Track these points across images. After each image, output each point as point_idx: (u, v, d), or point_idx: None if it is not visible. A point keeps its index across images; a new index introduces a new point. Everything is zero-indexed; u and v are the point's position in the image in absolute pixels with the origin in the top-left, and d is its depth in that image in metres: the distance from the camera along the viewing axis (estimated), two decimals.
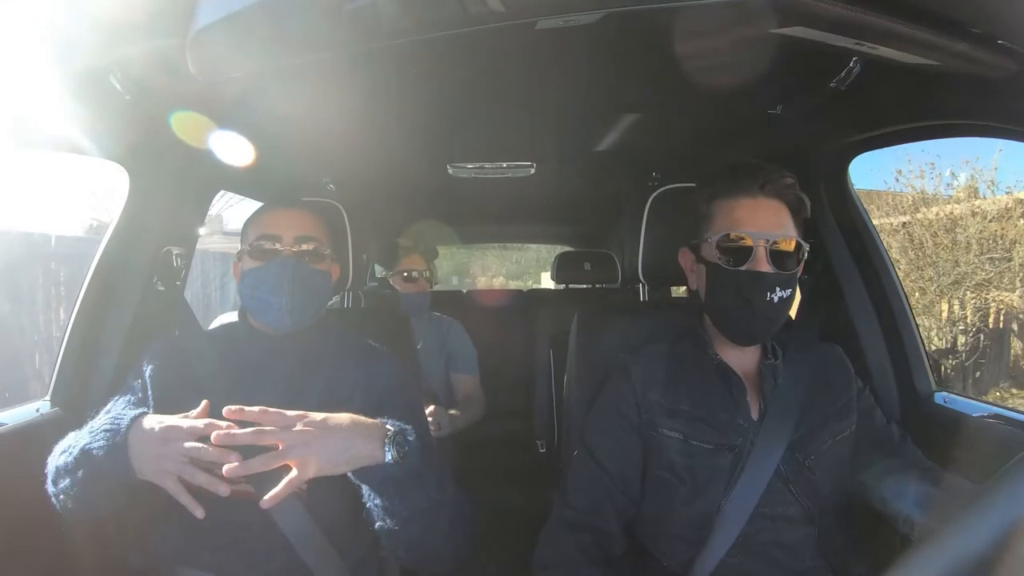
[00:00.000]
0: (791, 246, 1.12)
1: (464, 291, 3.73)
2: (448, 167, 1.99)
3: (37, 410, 1.33)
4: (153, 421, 1.00)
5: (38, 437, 1.21)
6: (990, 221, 7.32)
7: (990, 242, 7.29)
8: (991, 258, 7.28)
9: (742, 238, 1.11)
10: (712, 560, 1.07)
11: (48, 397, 1.38)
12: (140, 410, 1.04)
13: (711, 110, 1.47)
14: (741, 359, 1.18)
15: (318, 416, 0.97)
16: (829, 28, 0.82)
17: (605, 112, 1.56)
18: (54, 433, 1.18)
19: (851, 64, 1.06)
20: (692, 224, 1.21)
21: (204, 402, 1.04)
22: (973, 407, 1.29)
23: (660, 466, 1.14)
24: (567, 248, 3.76)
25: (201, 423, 0.98)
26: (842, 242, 1.52)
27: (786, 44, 0.89)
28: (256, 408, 0.94)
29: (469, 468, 1.90)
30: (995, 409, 1.23)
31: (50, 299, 5.69)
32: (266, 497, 0.93)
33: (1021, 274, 7.29)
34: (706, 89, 1.19)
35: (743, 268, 1.10)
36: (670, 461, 1.13)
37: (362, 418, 1.00)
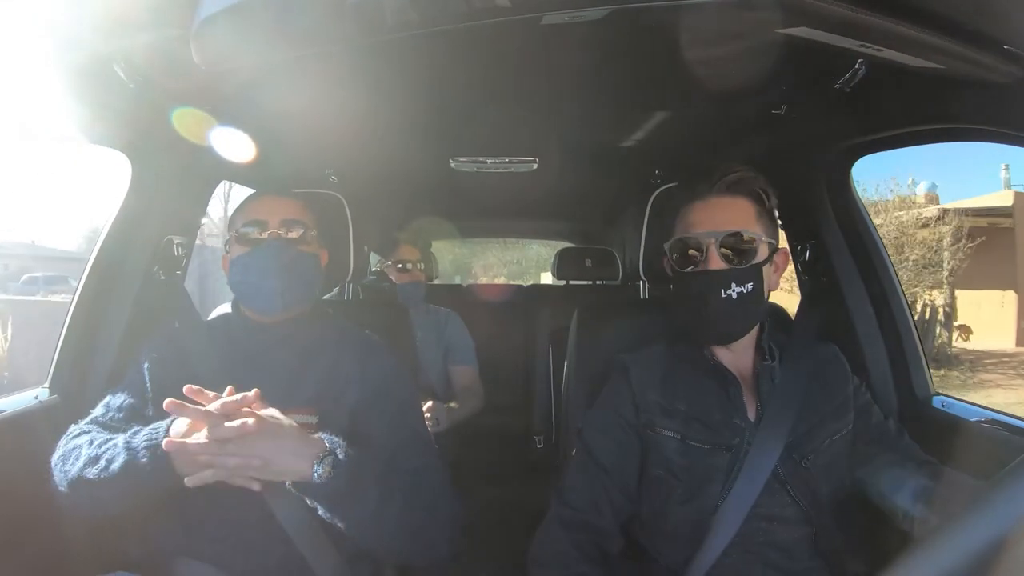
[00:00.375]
0: (747, 240, 1.12)
1: (464, 285, 3.73)
2: (451, 161, 1.98)
3: (36, 397, 1.33)
4: (180, 425, 1.01)
5: (37, 424, 1.22)
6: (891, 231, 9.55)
7: (891, 248, 9.31)
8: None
9: (690, 239, 1.13)
10: (709, 559, 1.07)
11: (47, 384, 1.38)
12: (171, 419, 1.03)
13: (715, 109, 1.46)
14: (735, 359, 1.18)
15: (263, 421, 0.98)
16: (834, 29, 0.82)
17: (609, 109, 1.55)
18: (52, 421, 1.18)
19: (856, 66, 1.06)
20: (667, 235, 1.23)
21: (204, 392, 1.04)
22: (971, 411, 1.29)
23: (657, 466, 1.14)
24: (568, 244, 3.76)
25: (214, 406, 0.99)
26: (843, 243, 1.52)
27: (791, 44, 0.89)
28: (211, 394, 1.00)
29: (467, 463, 1.90)
30: (993, 414, 1.23)
31: None
32: (188, 481, 0.96)
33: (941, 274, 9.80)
34: (710, 88, 1.19)
35: (697, 269, 1.12)
36: (667, 461, 1.13)
37: (302, 434, 1.01)
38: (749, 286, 1.11)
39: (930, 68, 0.88)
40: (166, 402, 0.95)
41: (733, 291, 1.10)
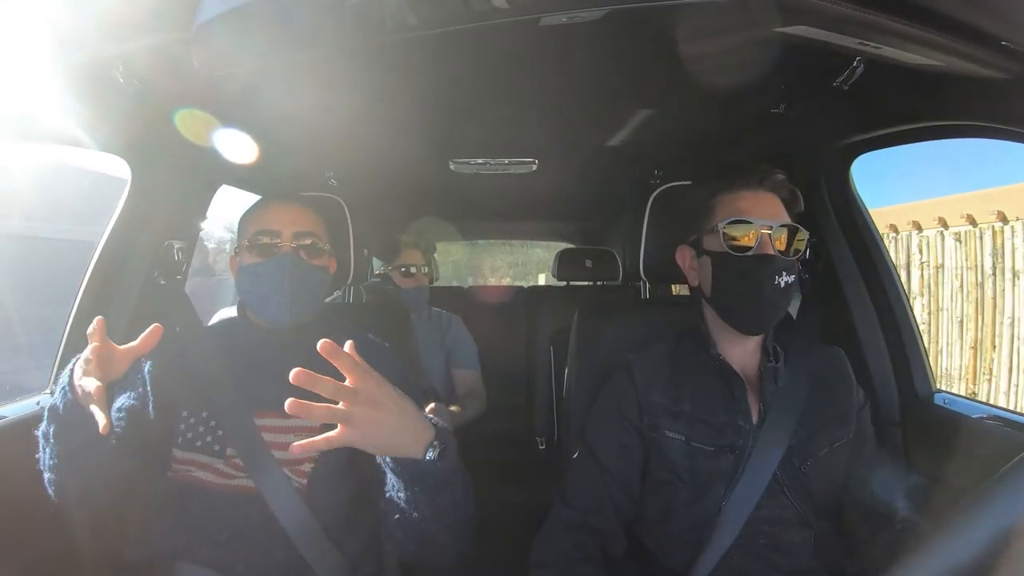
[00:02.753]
0: (790, 236, 1.14)
1: (465, 286, 3.73)
2: (450, 163, 1.99)
3: (38, 403, 1.33)
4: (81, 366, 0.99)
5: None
6: None
7: None
8: None
9: (749, 223, 1.13)
10: (711, 561, 1.07)
11: (49, 390, 1.38)
12: (73, 361, 1.03)
13: (714, 108, 1.46)
14: (743, 359, 1.18)
15: (381, 387, 0.89)
16: (833, 27, 0.82)
17: (608, 110, 1.55)
18: None
19: (855, 64, 1.06)
20: (689, 222, 1.22)
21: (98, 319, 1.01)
22: (972, 408, 1.29)
23: (662, 468, 1.14)
24: (567, 245, 3.75)
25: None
26: (843, 242, 1.52)
27: (790, 43, 0.89)
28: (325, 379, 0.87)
29: (468, 464, 1.89)
30: (994, 411, 1.23)
31: None
32: (296, 444, 0.84)
33: None
34: (709, 87, 1.19)
35: (751, 253, 1.12)
36: (671, 462, 1.13)
37: (416, 411, 0.92)
38: (792, 277, 1.12)
39: (929, 65, 0.88)
40: (289, 402, 0.82)
41: (783, 279, 1.11)
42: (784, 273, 1.11)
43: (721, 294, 1.17)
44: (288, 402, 0.82)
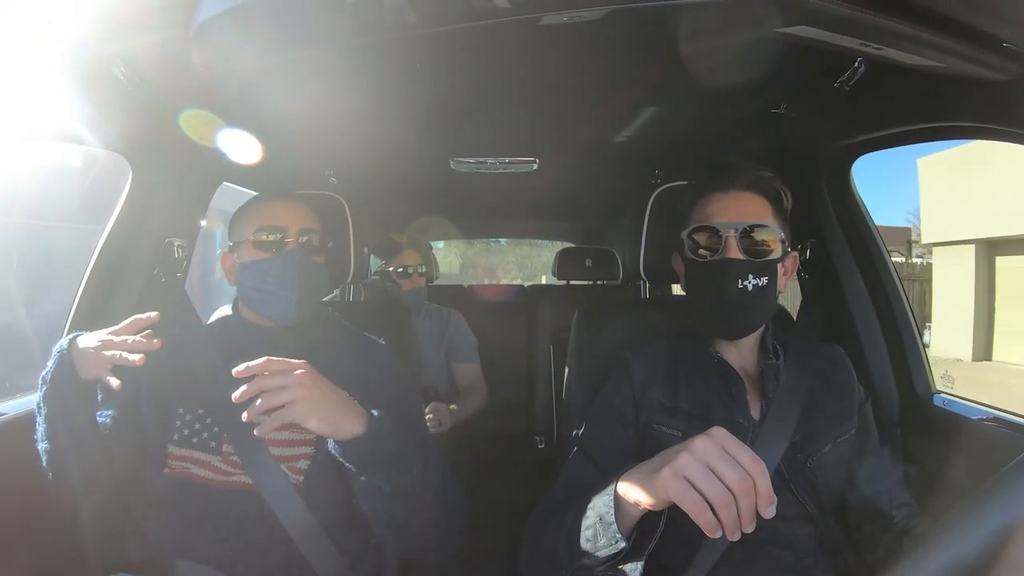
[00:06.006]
0: (765, 234, 1.12)
1: (465, 285, 3.73)
2: (450, 162, 1.98)
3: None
4: (89, 335, 1.08)
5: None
6: None
7: None
8: None
9: (710, 228, 1.13)
10: (711, 558, 1.07)
11: None
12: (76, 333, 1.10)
13: (714, 108, 1.46)
14: (740, 358, 1.18)
15: (319, 375, 1.00)
16: (834, 28, 0.82)
17: (608, 109, 1.55)
18: None
19: (856, 64, 1.06)
20: (675, 231, 1.23)
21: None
22: (972, 410, 1.29)
23: None
24: (568, 244, 3.75)
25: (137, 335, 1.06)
26: (844, 242, 1.52)
27: (791, 43, 0.89)
28: (260, 360, 0.97)
29: (467, 463, 1.89)
30: (994, 412, 1.23)
31: None
32: (262, 424, 0.96)
33: None
34: (709, 87, 1.19)
35: (715, 258, 1.12)
36: None
37: (353, 400, 1.04)
38: (764, 280, 1.11)
39: (930, 66, 0.88)
40: (236, 369, 0.95)
41: (749, 283, 1.10)
42: (751, 276, 1.10)
43: (692, 300, 1.19)
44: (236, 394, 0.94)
